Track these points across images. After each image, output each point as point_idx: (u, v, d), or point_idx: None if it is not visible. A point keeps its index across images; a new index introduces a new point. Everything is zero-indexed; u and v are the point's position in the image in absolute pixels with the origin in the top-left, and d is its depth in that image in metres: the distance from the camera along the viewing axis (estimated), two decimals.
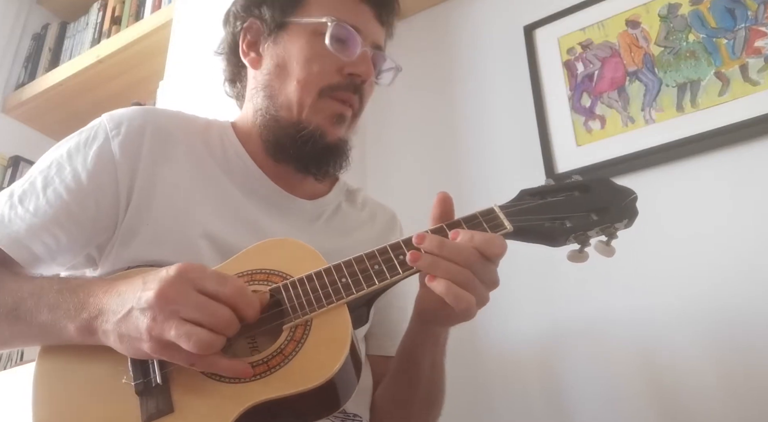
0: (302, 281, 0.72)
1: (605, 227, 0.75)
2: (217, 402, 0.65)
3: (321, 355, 0.67)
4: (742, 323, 1.16)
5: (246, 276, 0.75)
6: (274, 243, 0.79)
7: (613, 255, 0.76)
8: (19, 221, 0.79)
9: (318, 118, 0.89)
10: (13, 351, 1.72)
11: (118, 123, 0.86)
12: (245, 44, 0.96)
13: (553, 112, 1.53)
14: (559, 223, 0.74)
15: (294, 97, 0.89)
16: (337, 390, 0.68)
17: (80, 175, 0.82)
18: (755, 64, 1.31)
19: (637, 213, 0.76)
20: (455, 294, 0.68)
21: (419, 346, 0.87)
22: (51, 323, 0.70)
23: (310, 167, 0.92)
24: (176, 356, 0.64)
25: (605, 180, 0.80)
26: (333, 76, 0.90)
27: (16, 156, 2.24)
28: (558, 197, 0.78)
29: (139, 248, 0.80)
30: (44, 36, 2.39)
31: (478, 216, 0.75)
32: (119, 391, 0.68)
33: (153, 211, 0.82)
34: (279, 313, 0.71)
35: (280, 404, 0.65)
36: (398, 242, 0.74)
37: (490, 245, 0.70)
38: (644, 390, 1.21)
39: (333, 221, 0.99)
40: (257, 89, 0.94)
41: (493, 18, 1.77)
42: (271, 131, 0.91)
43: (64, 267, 0.84)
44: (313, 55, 0.90)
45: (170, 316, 0.62)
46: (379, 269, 0.72)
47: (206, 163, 0.91)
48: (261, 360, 0.68)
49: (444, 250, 0.69)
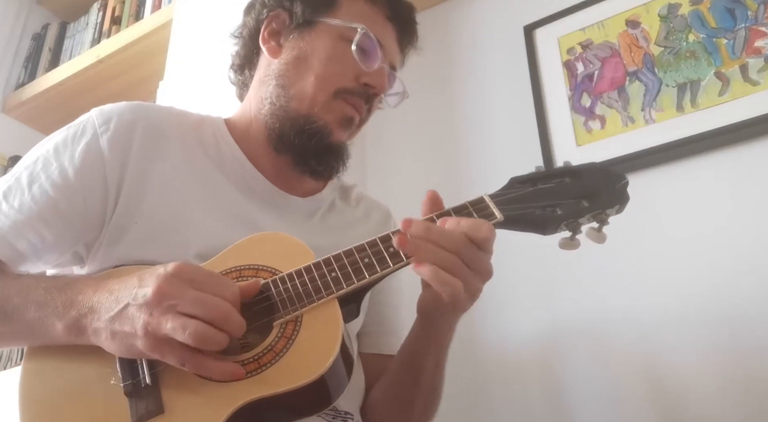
0: (291, 276, 0.72)
1: (596, 213, 0.74)
2: (208, 401, 0.65)
3: (312, 352, 0.67)
4: (742, 323, 1.16)
5: (234, 272, 0.74)
6: (262, 238, 0.78)
7: (604, 242, 0.75)
8: (3, 217, 0.77)
9: (329, 116, 0.90)
10: (13, 351, 1.72)
11: (108, 118, 0.85)
12: (267, 32, 0.96)
13: (553, 112, 1.53)
14: (550, 211, 0.73)
15: (309, 91, 0.89)
16: (328, 386, 0.67)
17: (67, 171, 0.80)
18: (755, 64, 1.31)
19: (629, 199, 0.75)
20: (441, 279, 0.68)
21: (423, 348, 0.86)
22: (38, 321, 0.69)
23: (310, 161, 0.91)
24: (168, 354, 0.63)
25: (596, 165, 0.79)
26: (350, 81, 0.90)
27: (16, 156, 2.23)
28: (548, 184, 0.77)
29: (129, 246, 0.79)
30: (44, 36, 2.39)
31: (468, 206, 0.75)
32: (108, 393, 0.67)
33: (144, 209, 0.81)
34: (269, 309, 0.70)
35: (271, 401, 0.65)
36: (387, 234, 0.73)
37: (477, 229, 0.69)
38: (644, 390, 1.21)
39: (328, 218, 0.99)
40: (270, 77, 0.93)
41: (493, 18, 1.77)
42: (277, 119, 0.91)
43: (50, 265, 0.83)
44: (336, 56, 0.90)
45: (167, 311, 0.62)
46: (369, 262, 0.72)
47: (199, 160, 0.90)
48: (252, 357, 0.67)
49: (431, 235, 0.69)
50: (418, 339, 0.87)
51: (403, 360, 0.90)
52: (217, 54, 1.09)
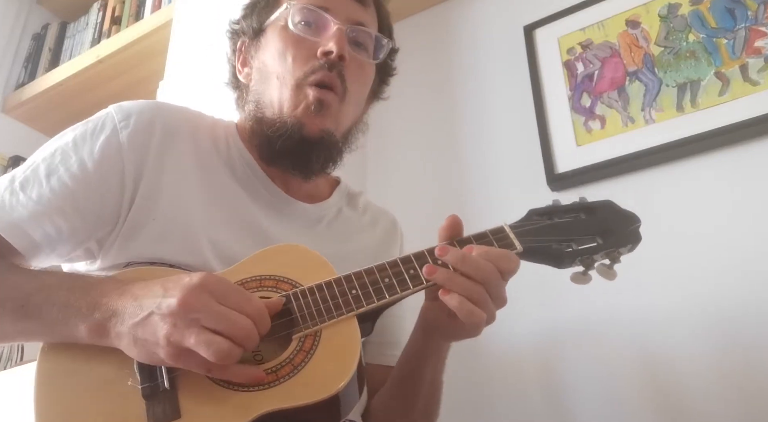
0: (312, 290, 0.72)
1: (610, 251, 0.77)
2: (225, 409, 0.65)
3: (330, 367, 0.67)
4: (742, 323, 1.16)
5: (254, 282, 0.74)
6: (282, 249, 0.79)
7: (614, 279, 0.78)
8: (21, 208, 0.77)
9: (297, 111, 0.87)
10: (13, 351, 1.72)
11: (127, 114, 0.85)
12: (240, 63, 0.97)
13: (553, 112, 1.53)
14: (566, 245, 0.76)
15: (275, 95, 0.88)
16: (340, 402, 0.68)
17: (86, 164, 0.80)
18: (755, 64, 1.31)
19: (641, 239, 0.78)
20: (468, 310, 0.69)
21: (422, 359, 0.86)
22: (61, 322, 0.69)
23: (294, 164, 0.90)
24: (192, 363, 0.64)
25: (610, 203, 0.82)
26: (307, 62, 0.87)
27: (16, 156, 2.23)
28: (565, 218, 0.80)
29: (144, 243, 0.79)
30: (44, 36, 2.39)
31: (488, 235, 0.76)
32: (125, 394, 0.67)
33: (161, 206, 0.81)
34: (288, 322, 0.71)
35: (285, 414, 0.65)
36: (409, 256, 0.74)
37: (507, 261, 0.71)
38: (644, 389, 1.21)
39: (334, 225, 0.99)
40: (250, 99, 0.93)
41: (493, 18, 1.77)
42: (256, 134, 0.91)
43: (63, 258, 0.83)
44: (285, 45, 0.89)
45: (191, 324, 0.62)
46: (390, 283, 0.72)
47: (213, 161, 0.90)
48: (270, 369, 0.67)
49: (465, 265, 0.70)
50: (418, 349, 0.86)
51: (401, 370, 0.90)
52: (217, 54, 1.09)
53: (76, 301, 0.69)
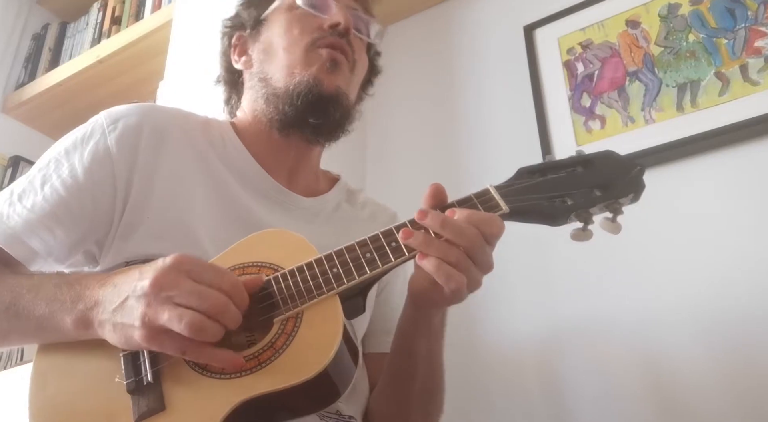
0: (292, 272, 0.72)
1: (610, 203, 0.72)
2: (209, 398, 0.65)
3: (312, 348, 0.67)
4: (742, 323, 1.16)
5: (238, 270, 0.74)
6: (266, 235, 0.78)
7: (619, 232, 0.72)
8: (17, 217, 0.80)
9: (312, 69, 0.90)
10: (13, 351, 1.72)
11: (115, 119, 0.87)
12: (236, 54, 1.01)
13: (553, 112, 1.53)
14: (559, 201, 0.72)
15: (284, 63, 0.92)
16: (332, 381, 0.67)
17: (77, 170, 0.83)
18: (755, 64, 1.31)
19: (644, 187, 0.72)
20: (446, 273, 0.67)
21: (413, 332, 0.85)
22: (48, 316, 0.71)
23: (308, 119, 0.91)
24: (167, 344, 0.64)
25: (609, 153, 0.76)
26: (314, 32, 0.92)
27: (16, 156, 2.23)
28: (559, 174, 0.74)
29: (140, 241, 0.80)
30: (44, 36, 2.39)
31: (472, 198, 0.74)
32: (112, 390, 0.68)
33: (153, 203, 0.83)
34: (270, 306, 0.71)
35: (273, 398, 0.65)
36: (390, 229, 0.73)
37: (489, 225, 0.69)
38: (643, 389, 1.21)
39: (332, 219, 0.99)
40: (254, 81, 0.96)
41: (493, 18, 1.77)
42: (273, 106, 0.92)
43: (63, 264, 0.84)
44: (291, 22, 0.93)
45: (164, 301, 0.63)
46: (371, 257, 0.71)
47: (208, 156, 0.92)
48: (252, 354, 0.67)
49: (446, 229, 0.68)
50: (409, 323, 0.85)
51: (394, 349, 0.89)
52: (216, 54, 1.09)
53: (62, 295, 0.71)
